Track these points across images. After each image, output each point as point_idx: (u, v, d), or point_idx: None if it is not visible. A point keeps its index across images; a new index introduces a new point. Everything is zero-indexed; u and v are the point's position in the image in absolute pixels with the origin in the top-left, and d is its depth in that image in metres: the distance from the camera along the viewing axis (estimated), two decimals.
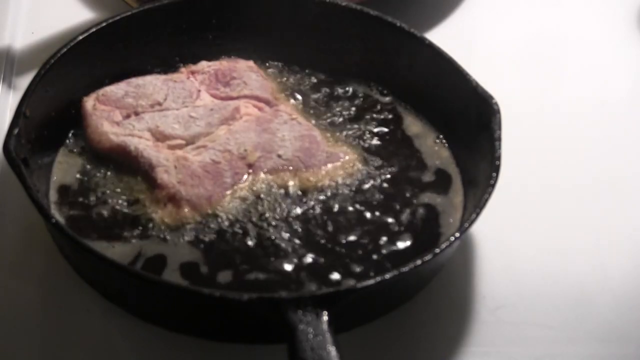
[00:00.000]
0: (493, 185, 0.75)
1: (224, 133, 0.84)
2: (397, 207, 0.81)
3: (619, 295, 0.80)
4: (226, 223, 0.79)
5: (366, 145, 0.86)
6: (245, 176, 0.82)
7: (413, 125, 0.88)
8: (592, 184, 0.89)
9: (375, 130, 0.88)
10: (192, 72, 0.90)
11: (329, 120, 0.88)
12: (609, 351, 0.77)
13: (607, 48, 1.04)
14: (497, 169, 0.76)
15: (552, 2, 1.09)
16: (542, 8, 1.08)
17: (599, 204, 0.87)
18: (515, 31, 1.05)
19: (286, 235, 0.78)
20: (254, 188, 0.81)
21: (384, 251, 0.78)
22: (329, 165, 0.83)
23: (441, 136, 0.87)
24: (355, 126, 0.88)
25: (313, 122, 0.87)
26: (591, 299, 0.79)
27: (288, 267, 0.76)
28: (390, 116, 0.89)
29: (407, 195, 0.82)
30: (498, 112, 0.81)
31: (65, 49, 0.84)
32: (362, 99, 0.90)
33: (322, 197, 0.81)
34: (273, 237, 0.78)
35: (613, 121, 0.96)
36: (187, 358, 0.74)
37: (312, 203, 0.81)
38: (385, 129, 0.88)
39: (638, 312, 0.79)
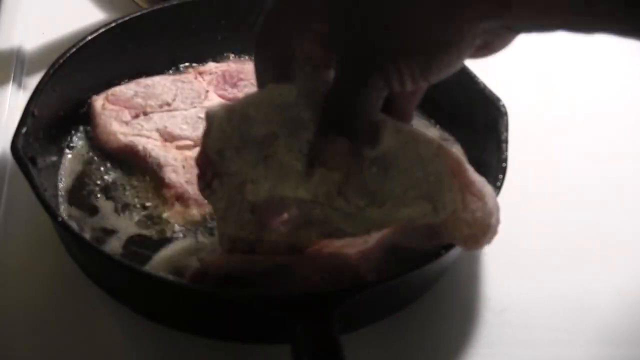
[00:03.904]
0: (499, 187, 0.75)
1: None
2: None
3: (625, 298, 0.80)
4: None
5: None
6: None
7: (420, 126, 0.88)
8: (599, 186, 0.88)
9: None
10: (200, 73, 0.90)
11: None
12: (615, 354, 0.77)
13: (616, 50, 1.04)
14: (503, 171, 0.76)
15: None
16: None
17: (605, 206, 0.87)
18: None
19: None
20: None
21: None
22: None
23: (450, 137, 0.87)
24: None
25: None
26: (597, 302, 0.79)
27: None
28: None
29: None
30: (505, 114, 0.81)
31: (74, 49, 0.84)
32: None
33: None
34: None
35: (621, 124, 0.96)
36: (193, 357, 0.74)
37: None
38: None
39: None
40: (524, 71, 0.96)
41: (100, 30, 0.87)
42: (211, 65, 0.91)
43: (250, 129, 0.69)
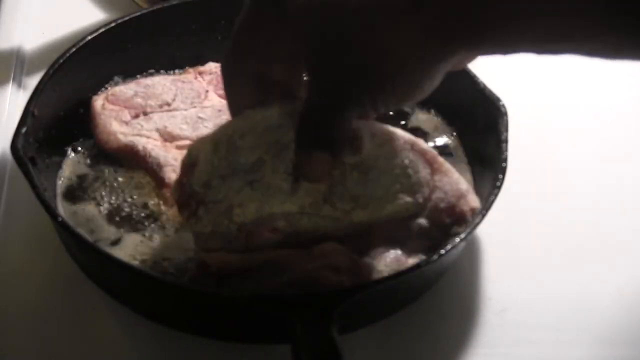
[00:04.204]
0: (499, 187, 0.75)
1: None
2: None
3: (625, 298, 0.80)
4: None
5: None
6: None
7: (423, 123, 0.89)
8: (599, 186, 0.88)
9: None
10: (200, 73, 0.90)
11: None
12: (615, 354, 0.77)
13: None
14: (503, 170, 0.76)
15: None
16: None
17: (605, 206, 0.87)
18: None
19: None
20: None
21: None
22: None
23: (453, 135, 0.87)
24: None
25: None
26: (597, 302, 0.79)
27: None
28: (400, 115, 0.89)
29: None
30: (505, 114, 0.81)
31: (74, 49, 0.84)
32: None
33: None
34: None
35: (621, 124, 0.96)
36: (193, 357, 0.74)
37: None
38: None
39: None
40: (524, 71, 0.96)
41: (100, 30, 0.87)
42: (211, 65, 0.91)
43: (239, 157, 0.71)
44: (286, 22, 0.66)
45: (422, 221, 0.74)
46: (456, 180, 0.75)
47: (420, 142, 0.74)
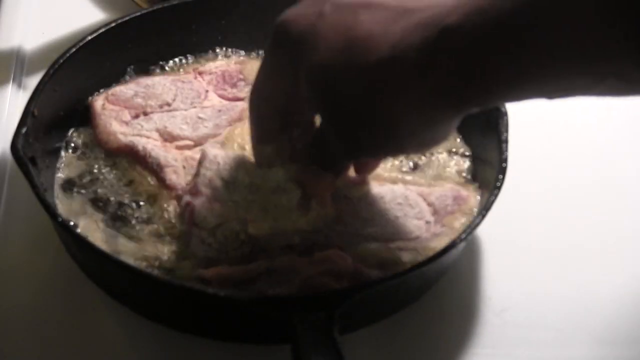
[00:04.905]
0: (499, 188, 0.75)
1: None
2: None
3: (625, 298, 0.80)
4: None
5: None
6: None
7: None
8: (599, 186, 0.88)
9: None
10: (200, 73, 0.90)
11: None
12: (615, 354, 0.77)
13: None
14: (503, 171, 0.76)
15: None
16: None
17: (605, 206, 0.87)
18: None
19: None
20: None
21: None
22: None
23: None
24: None
25: None
26: (597, 302, 0.79)
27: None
28: None
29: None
30: (505, 114, 0.81)
31: (74, 49, 0.84)
32: None
33: None
34: None
35: (622, 123, 0.96)
36: (193, 357, 0.74)
37: None
38: None
39: None
40: None
41: (100, 30, 0.87)
42: (211, 65, 0.91)
43: (239, 170, 0.75)
44: (302, 74, 0.67)
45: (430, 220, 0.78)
46: (448, 185, 0.82)
47: (409, 185, 0.81)
